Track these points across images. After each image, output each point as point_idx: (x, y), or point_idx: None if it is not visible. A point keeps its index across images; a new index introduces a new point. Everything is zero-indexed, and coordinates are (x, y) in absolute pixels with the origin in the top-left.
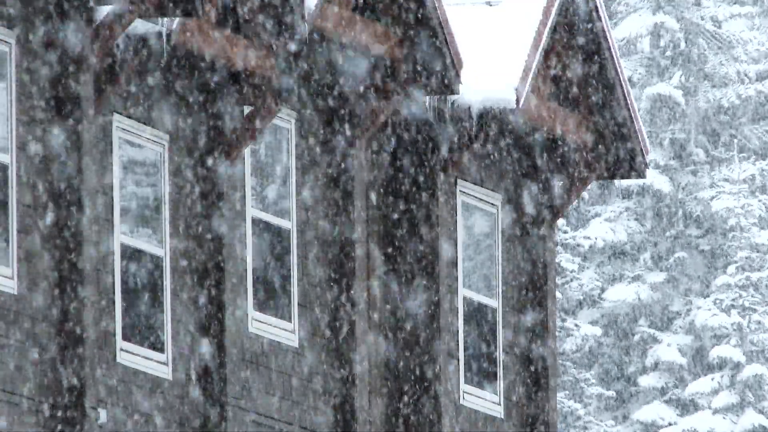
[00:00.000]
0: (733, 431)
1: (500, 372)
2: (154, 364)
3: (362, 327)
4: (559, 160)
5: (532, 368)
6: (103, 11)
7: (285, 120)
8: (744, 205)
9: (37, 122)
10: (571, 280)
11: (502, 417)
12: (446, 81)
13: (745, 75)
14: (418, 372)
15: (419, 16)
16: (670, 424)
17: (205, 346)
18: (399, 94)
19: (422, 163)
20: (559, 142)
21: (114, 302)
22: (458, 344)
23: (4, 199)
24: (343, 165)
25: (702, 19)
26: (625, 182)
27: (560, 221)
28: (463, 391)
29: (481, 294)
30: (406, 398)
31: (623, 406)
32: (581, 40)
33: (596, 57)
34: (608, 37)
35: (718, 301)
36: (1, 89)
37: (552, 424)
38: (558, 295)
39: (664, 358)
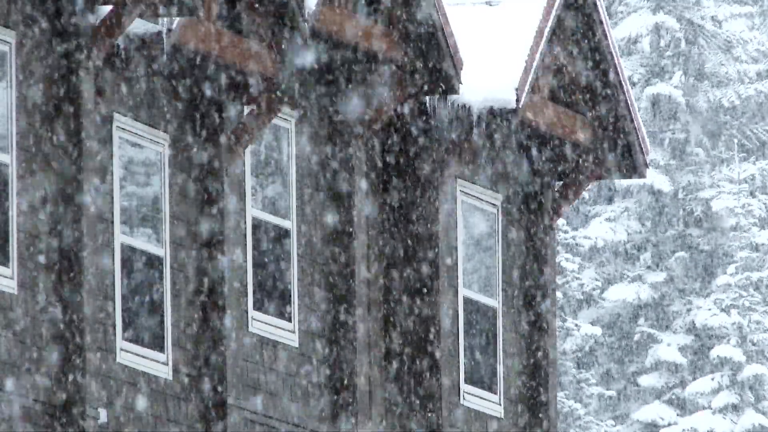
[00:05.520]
0: (733, 431)
1: (500, 372)
2: (154, 364)
3: (362, 327)
4: (559, 160)
5: (532, 368)
6: (103, 11)
7: (285, 120)
8: (744, 205)
9: (37, 122)
10: (572, 280)
11: (502, 417)
12: (446, 81)
13: (745, 75)
14: (418, 372)
15: (419, 16)
16: (670, 424)
17: (205, 346)
18: (399, 94)
19: (422, 163)
20: (560, 142)
21: (114, 302)
22: (458, 344)
23: (4, 199)
24: (342, 165)
25: (702, 19)
26: (625, 182)
27: (560, 221)
28: (463, 391)
29: (481, 294)
30: (406, 398)
31: (623, 406)
32: (581, 40)
33: (596, 57)
34: (608, 37)
35: (718, 301)
36: (1, 89)
37: (552, 424)
38: (558, 295)
39: (664, 358)
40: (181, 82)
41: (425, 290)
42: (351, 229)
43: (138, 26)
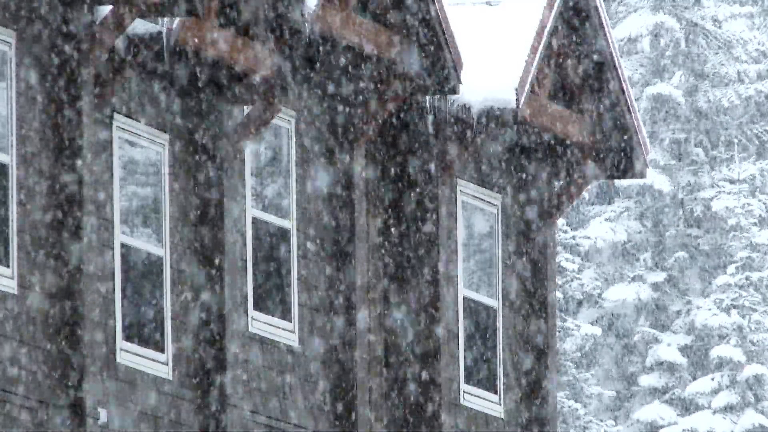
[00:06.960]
0: (733, 431)
1: (500, 372)
2: (154, 364)
3: (362, 327)
4: (559, 160)
5: (532, 368)
6: (103, 11)
7: (285, 120)
8: (744, 205)
9: (37, 122)
10: (571, 280)
11: (502, 417)
12: (446, 81)
13: (745, 75)
14: (418, 372)
15: (419, 15)
16: (670, 424)
17: (205, 346)
18: (399, 93)
19: (422, 163)
20: (559, 142)
21: (114, 302)
22: (458, 344)
23: (4, 199)
24: (343, 165)
25: (702, 19)
26: (625, 182)
27: (560, 221)
28: (463, 391)
29: (481, 294)
30: (406, 398)
31: (623, 406)
32: (581, 40)
33: (596, 57)
34: (608, 37)
35: (718, 301)
36: (1, 89)
37: (552, 424)
38: (558, 295)
39: (664, 358)
40: (181, 82)
41: (425, 290)
42: (351, 229)
43: (138, 26)
